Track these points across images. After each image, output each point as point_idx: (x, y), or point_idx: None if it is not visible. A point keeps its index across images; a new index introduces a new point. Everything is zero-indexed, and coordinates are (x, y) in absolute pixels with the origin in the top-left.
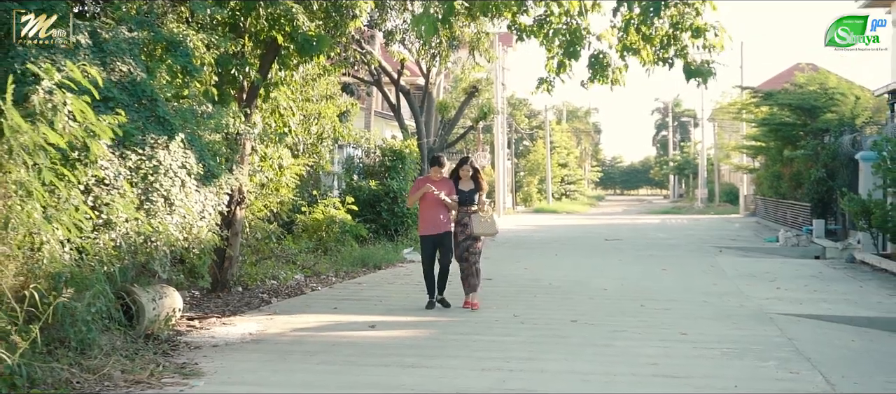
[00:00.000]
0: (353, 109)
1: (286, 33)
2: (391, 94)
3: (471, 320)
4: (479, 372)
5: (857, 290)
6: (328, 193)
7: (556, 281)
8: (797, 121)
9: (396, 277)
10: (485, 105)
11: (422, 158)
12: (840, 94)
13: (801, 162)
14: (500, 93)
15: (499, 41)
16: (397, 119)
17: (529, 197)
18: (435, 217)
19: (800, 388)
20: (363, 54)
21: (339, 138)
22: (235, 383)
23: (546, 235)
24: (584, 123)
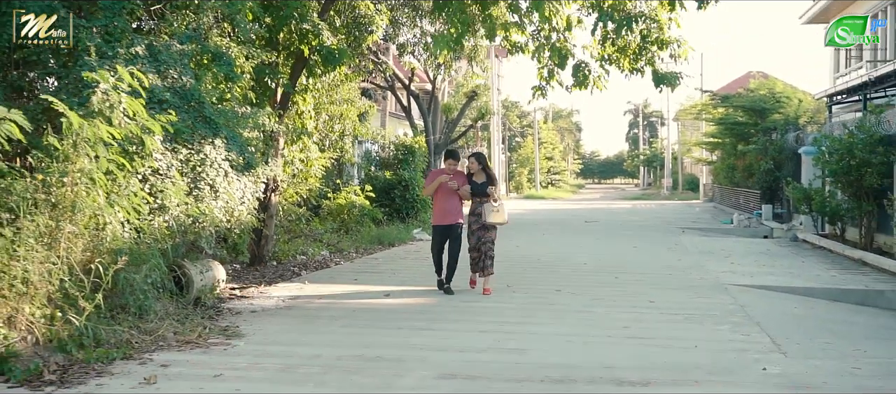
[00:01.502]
0: (371, 110)
1: (313, 47)
2: (403, 97)
3: (471, 290)
4: (478, 334)
5: (800, 264)
6: (350, 181)
7: (544, 257)
8: (749, 120)
9: (407, 254)
10: (483, 107)
11: (429, 153)
12: (786, 98)
13: (753, 156)
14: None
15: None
16: (408, 119)
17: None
18: (448, 207)
19: (750, 347)
20: (379, 64)
21: (359, 135)
22: (271, 342)
23: (535, 217)
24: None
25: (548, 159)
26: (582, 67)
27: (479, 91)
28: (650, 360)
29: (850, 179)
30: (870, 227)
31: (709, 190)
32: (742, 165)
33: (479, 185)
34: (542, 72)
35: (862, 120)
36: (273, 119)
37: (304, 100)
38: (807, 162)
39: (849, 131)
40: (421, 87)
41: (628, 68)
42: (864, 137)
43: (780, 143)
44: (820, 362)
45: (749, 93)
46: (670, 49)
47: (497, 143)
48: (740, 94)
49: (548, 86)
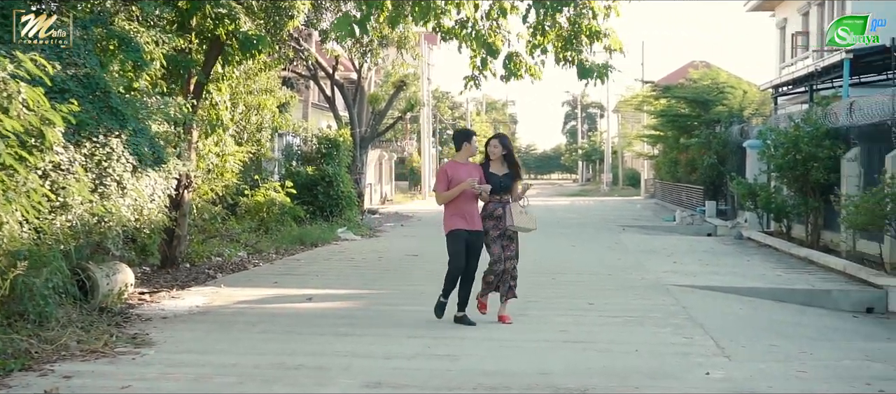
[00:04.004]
0: (292, 101)
1: (229, 32)
2: (327, 87)
3: (399, 292)
4: (406, 339)
5: (744, 263)
6: (269, 177)
7: None
8: (692, 112)
9: (332, 255)
10: (412, 98)
11: (354, 146)
12: (730, 89)
13: (696, 149)
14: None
15: (424, 40)
16: (332, 110)
17: None
18: (468, 210)
19: (693, 351)
20: (300, 51)
21: (279, 128)
22: (183, 351)
23: None
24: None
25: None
26: (514, 57)
27: (409, 81)
28: (588, 365)
29: (797, 174)
30: (816, 224)
31: (650, 186)
32: (685, 159)
33: (500, 178)
34: (475, 61)
35: (808, 112)
36: (185, 110)
37: (219, 89)
38: (752, 156)
39: (795, 124)
40: (346, 77)
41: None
42: (811, 130)
43: (724, 136)
44: (764, 365)
45: (692, 83)
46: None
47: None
48: (683, 85)
49: (481, 76)
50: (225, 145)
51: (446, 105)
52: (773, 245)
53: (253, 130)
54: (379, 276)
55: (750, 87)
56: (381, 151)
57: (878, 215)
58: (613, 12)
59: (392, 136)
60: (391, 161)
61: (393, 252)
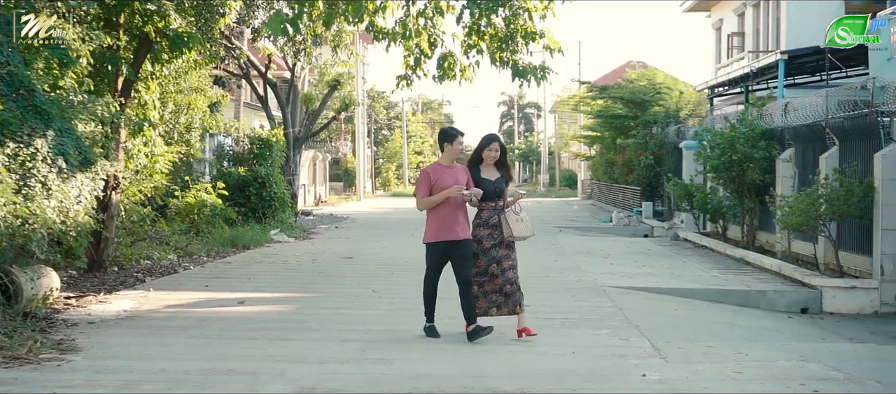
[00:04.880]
0: (224, 100)
1: (158, 29)
2: (259, 86)
3: (333, 295)
4: (340, 343)
5: (681, 264)
6: (200, 178)
7: (412, 259)
8: (629, 113)
9: (264, 257)
10: (346, 97)
11: (288, 147)
12: (666, 89)
13: (632, 150)
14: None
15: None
16: (265, 110)
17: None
18: (451, 218)
19: (630, 353)
20: (232, 49)
21: (210, 128)
22: (110, 357)
23: (403, 216)
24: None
25: (417, 154)
26: (449, 57)
27: (343, 80)
28: (524, 368)
29: (732, 174)
30: (752, 224)
31: (587, 186)
32: (621, 160)
33: (491, 183)
34: (408, 60)
35: (744, 113)
36: (113, 109)
37: (147, 88)
38: (688, 157)
39: (730, 125)
40: (279, 75)
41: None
42: (746, 130)
43: (661, 136)
44: (701, 366)
45: (628, 84)
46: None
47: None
48: (619, 86)
49: (414, 75)
50: (154, 145)
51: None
52: (709, 246)
53: (183, 129)
54: (313, 279)
55: (686, 88)
56: (316, 151)
57: (812, 216)
58: (550, 13)
59: (326, 136)
60: (325, 162)
61: (327, 255)
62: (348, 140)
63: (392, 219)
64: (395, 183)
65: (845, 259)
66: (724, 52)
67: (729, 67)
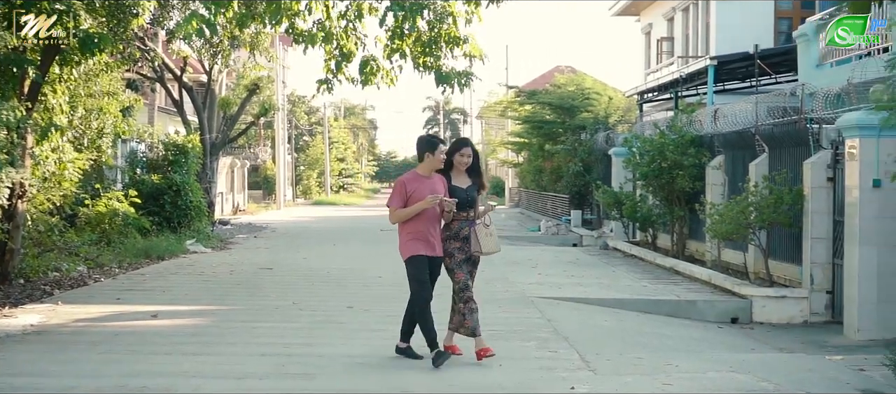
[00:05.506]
0: (137, 104)
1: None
2: (174, 90)
3: (251, 308)
4: (258, 358)
5: (610, 274)
6: (111, 186)
7: (334, 270)
8: (557, 119)
9: (180, 268)
10: (266, 102)
11: (204, 153)
12: (595, 95)
13: (561, 157)
14: (281, 90)
15: (279, 41)
16: (180, 115)
17: (309, 190)
18: (425, 232)
19: (558, 365)
20: (146, 51)
21: (123, 133)
22: (16, 374)
23: (325, 226)
24: (361, 119)
25: (339, 161)
26: (371, 61)
27: (262, 84)
28: (450, 381)
29: (662, 182)
30: (682, 233)
31: (515, 194)
32: (550, 167)
33: (463, 191)
34: (329, 64)
35: (673, 119)
36: (19, 113)
37: (55, 91)
38: (617, 164)
39: (660, 131)
40: (195, 79)
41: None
42: (676, 137)
43: (590, 143)
44: (631, 378)
45: (556, 89)
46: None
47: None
48: (548, 91)
49: (335, 79)
50: (63, 152)
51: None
52: (638, 255)
53: (94, 135)
54: (230, 291)
55: (616, 94)
56: (234, 158)
57: (741, 224)
58: (475, 18)
59: (245, 142)
60: (244, 169)
61: (245, 265)
62: (268, 146)
63: (313, 228)
64: (317, 191)
65: (775, 268)
66: (653, 58)
67: (658, 73)
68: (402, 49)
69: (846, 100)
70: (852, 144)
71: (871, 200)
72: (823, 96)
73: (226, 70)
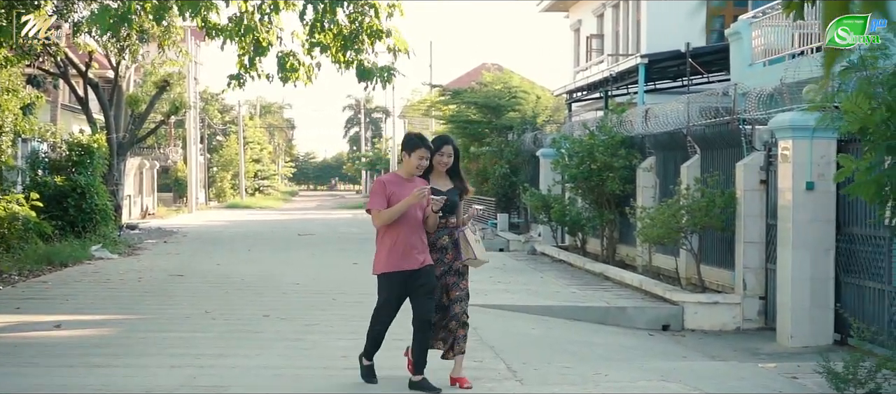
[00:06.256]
0: (39, 101)
1: None
2: (79, 87)
3: (161, 317)
4: (168, 370)
5: (538, 280)
6: (11, 189)
7: (249, 276)
8: (483, 119)
9: (84, 275)
10: (177, 99)
11: (111, 153)
12: (523, 93)
13: (487, 158)
14: (193, 87)
15: (191, 36)
16: (85, 113)
17: (223, 192)
18: (408, 241)
19: (483, 375)
20: (48, 46)
21: (23, 132)
22: None
23: (239, 230)
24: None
25: (255, 162)
26: (288, 57)
27: (173, 80)
28: (372, 389)
29: (591, 184)
30: (612, 237)
31: None
32: (475, 168)
33: (444, 195)
34: (243, 59)
35: (603, 119)
36: None
37: None
38: (545, 166)
39: (589, 132)
40: (101, 75)
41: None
42: (606, 138)
43: (517, 144)
44: (558, 388)
45: (483, 87)
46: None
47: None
48: (473, 90)
49: (248, 76)
50: None
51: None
52: (567, 260)
53: None
54: (138, 299)
55: (544, 93)
56: (142, 158)
57: (673, 228)
58: (397, 11)
59: (154, 142)
60: (154, 170)
61: (155, 272)
62: (179, 146)
63: (227, 233)
64: (232, 194)
65: (708, 273)
66: (582, 55)
67: (588, 71)
68: (322, 43)
69: (779, 100)
70: (785, 145)
71: (804, 203)
72: (756, 96)
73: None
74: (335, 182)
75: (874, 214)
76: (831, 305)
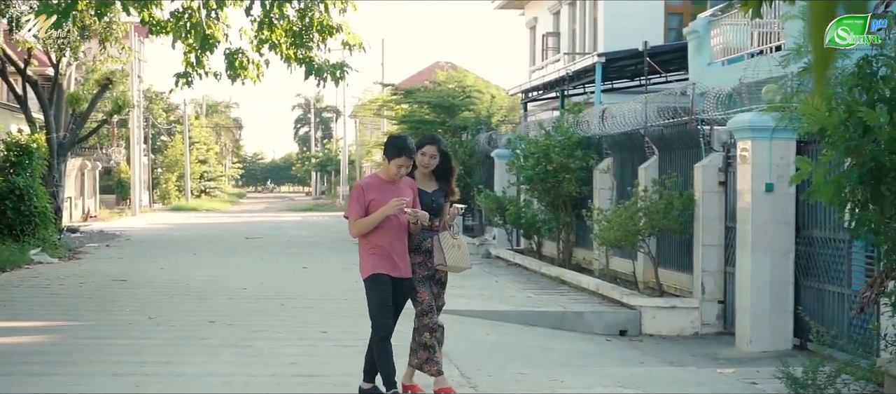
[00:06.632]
0: None
1: None
2: (17, 84)
3: (103, 323)
4: (111, 378)
5: (493, 285)
6: None
7: (194, 281)
8: (436, 119)
9: (22, 281)
10: (120, 98)
11: (51, 154)
12: (477, 93)
13: None
14: (137, 85)
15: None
16: (24, 112)
17: (167, 195)
18: (389, 248)
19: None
20: None
21: None
22: None
23: (184, 233)
24: (224, 117)
25: (201, 163)
26: (236, 54)
27: (116, 78)
28: None
29: (547, 186)
30: (568, 240)
31: None
32: None
33: (428, 196)
34: (189, 57)
35: (559, 119)
36: None
37: None
38: (500, 167)
39: (545, 132)
40: (41, 72)
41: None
42: (562, 138)
43: (471, 145)
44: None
45: (436, 87)
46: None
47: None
48: (426, 89)
49: (195, 74)
50: None
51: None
52: (523, 264)
53: None
54: (80, 305)
55: (499, 92)
56: (84, 159)
57: (630, 231)
58: (350, 6)
59: (96, 142)
60: (96, 171)
61: (97, 277)
62: (122, 147)
63: (172, 236)
64: (177, 196)
65: (666, 277)
66: (538, 54)
67: (544, 70)
68: (271, 40)
69: (738, 100)
70: (744, 146)
71: (763, 204)
72: (715, 96)
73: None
74: (271, 185)
75: (834, 216)
76: (791, 309)
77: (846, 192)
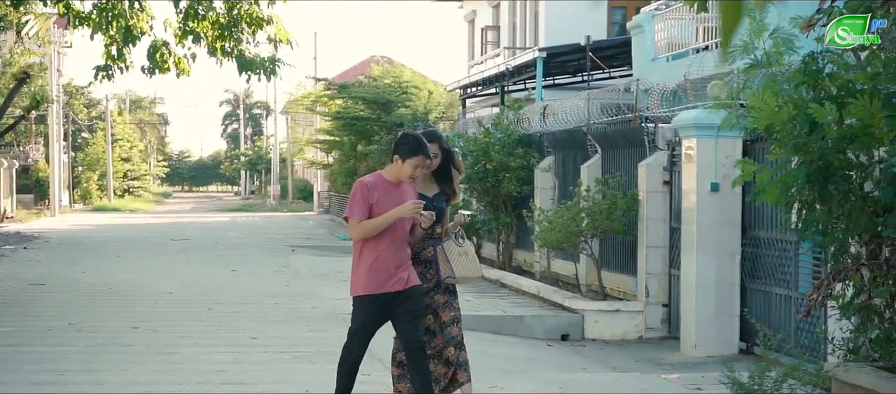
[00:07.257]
0: None
1: None
2: None
3: (21, 330)
4: (29, 386)
5: None
6: None
7: (117, 285)
8: (372, 115)
9: None
10: (38, 93)
11: None
12: (414, 89)
13: (376, 158)
14: (56, 79)
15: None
16: None
17: (89, 194)
18: (393, 258)
19: (371, 390)
20: None
21: None
22: None
23: (106, 235)
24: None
25: (124, 161)
26: (160, 47)
27: (34, 72)
28: None
29: (487, 185)
30: (508, 242)
31: (325, 199)
32: (364, 168)
33: (429, 201)
34: (110, 49)
35: (499, 116)
36: None
37: None
38: None
39: (485, 130)
40: None
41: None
42: (502, 136)
43: None
44: None
45: (372, 82)
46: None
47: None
48: (361, 84)
49: (116, 67)
50: None
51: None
52: None
53: None
54: None
55: (436, 88)
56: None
57: (573, 232)
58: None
59: (13, 139)
60: (12, 170)
61: (13, 280)
62: (40, 144)
63: (94, 238)
64: (99, 195)
65: (609, 280)
66: (477, 49)
67: (483, 65)
68: (196, 33)
69: (683, 97)
70: (689, 144)
71: (708, 205)
72: (659, 93)
73: None
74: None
75: (781, 217)
76: (737, 312)
77: (793, 192)
